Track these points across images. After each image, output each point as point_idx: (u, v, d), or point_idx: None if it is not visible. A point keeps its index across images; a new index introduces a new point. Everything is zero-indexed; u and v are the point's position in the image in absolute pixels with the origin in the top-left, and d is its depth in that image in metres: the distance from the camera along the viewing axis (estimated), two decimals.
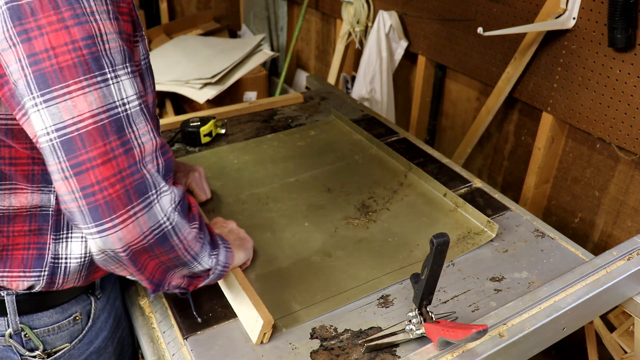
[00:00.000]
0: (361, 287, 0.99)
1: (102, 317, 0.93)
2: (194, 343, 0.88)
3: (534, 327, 0.88)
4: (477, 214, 1.17)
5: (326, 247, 1.09)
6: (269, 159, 1.41)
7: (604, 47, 1.43)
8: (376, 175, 1.34)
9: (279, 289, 0.98)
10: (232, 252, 0.89)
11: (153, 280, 0.77)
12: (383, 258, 1.07)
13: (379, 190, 1.28)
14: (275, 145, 1.48)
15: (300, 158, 1.42)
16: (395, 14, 2.12)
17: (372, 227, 1.16)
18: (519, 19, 1.66)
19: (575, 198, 1.70)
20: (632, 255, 1.03)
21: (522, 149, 1.86)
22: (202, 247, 0.79)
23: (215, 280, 0.86)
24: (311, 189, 1.29)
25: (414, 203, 1.24)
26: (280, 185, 1.30)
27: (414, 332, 0.87)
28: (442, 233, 0.78)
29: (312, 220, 1.18)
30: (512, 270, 1.05)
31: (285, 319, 0.92)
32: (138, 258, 0.70)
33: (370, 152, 1.45)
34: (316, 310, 0.93)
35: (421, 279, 0.83)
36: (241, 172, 1.35)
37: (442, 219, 1.19)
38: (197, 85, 2.44)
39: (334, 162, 1.40)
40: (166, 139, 1.51)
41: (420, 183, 1.31)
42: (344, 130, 1.56)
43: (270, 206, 1.22)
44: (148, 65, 0.80)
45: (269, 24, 3.24)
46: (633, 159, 1.49)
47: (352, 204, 1.23)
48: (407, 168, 1.35)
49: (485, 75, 1.84)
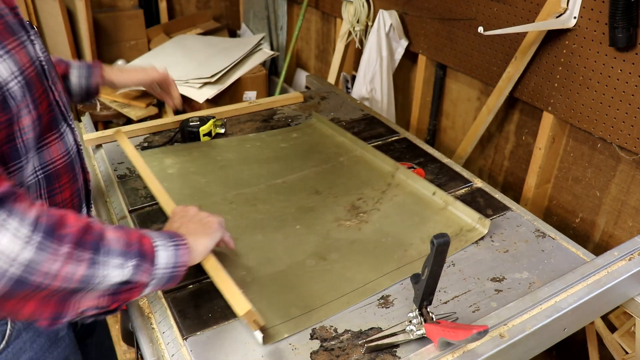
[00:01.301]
0: (360, 290, 0.98)
1: (25, 336, 0.87)
2: (193, 343, 0.88)
3: (535, 328, 0.88)
4: (468, 210, 1.16)
5: (320, 250, 1.08)
6: (253, 159, 1.40)
7: (605, 46, 1.42)
8: (363, 177, 1.33)
9: (277, 293, 0.97)
10: (185, 249, 0.81)
11: (42, 317, 0.68)
12: (378, 259, 1.06)
13: (368, 191, 1.27)
14: (258, 146, 1.46)
15: (284, 159, 1.40)
16: (395, 13, 2.12)
17: (365, 228, 1.15)
18: (520, 18, 1.65)
19: (576, 198, 1.70)
20: (633, 255, 1.03)
21: (523, 149, 1.86)
22: (94, 265, 0.69)
23: (166, 284, 0.79)
24: (299, 191, 1.27)
25: (404, 203, 1.23)
26: (267, 186, 1.29)
27: (414, 333, 0.86)
28: (443, 233, 0.78)
29: (303, 222, 1.16)
30: (512, 271, 1.04)
31: (287, 324, 0.91)
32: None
33: (355, 153, 1.44)
34: (317, 316, 0.93)
35: (421, 279, 0.83)
36: (226, 170, 1.34)
37: (433, 217, 1.18)
38: (196, 84, 2.43)
39: (319, 164, 1.39)
40: (166, 138, 1.51)
41: (408, 183, 1.30)
42: (327, 133, 1.55)
43: (259, 207, 1.21)
44: (22, 84, 0.72)
45: (268, 23, 3.24)
46: (634, 158, 1.48)
47: (342, 206, 1.22)
48: (394, 168, 1.34)
49: (486, 74, 1.83)
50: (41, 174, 0.81)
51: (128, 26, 3.00)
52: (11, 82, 0.69)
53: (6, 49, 0.69)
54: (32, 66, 0.75)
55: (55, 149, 0.84)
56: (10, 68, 0.69)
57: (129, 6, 3.13)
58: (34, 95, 0.75)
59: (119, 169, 1.36)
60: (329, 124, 1.57)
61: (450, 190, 1.30)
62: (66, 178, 0.87)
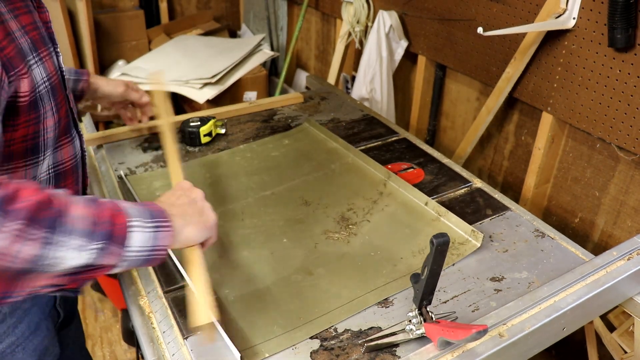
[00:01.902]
0: (345, 307, 0.95)
1: (9, 321, 0.89)
2: (194, 343, 0.88)
3: (534, 327, 0.88)
4: (461, 223, 1.14)
5: (307, 265, 1.05)
6: (243, 171, 1.36)
7: (604, 47, 1.43)
8: (354, 185, 1.30)
9: (259, 312, 0.94)
10: (167, 232, 0.76)
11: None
12: (366, 274, 1.03)
13: (358, 201, 1.25)
14: (248, 157, 1.43)
15: (274, 169, 1.37)
16: (395, 14, 2.12)
17: (353, 241, 1.12)
18: (519, 18, 1.66)
19: (576, 198, 1.70)
20: (632, 255, 1.03)
21: (522, 149, 1.86)
22: (47, 245, 0.64)
23: (142, 265, 0.75)
24: (288, 203, 1.24)
25: (395, 213, 1.20)
26: (256, 199, 1.25)
27: (414, 332, 0.87)
28: (443, 233, 0.78)
29: (290, 236, 1.13)
30: (512, 270, 1.05)
31: (267, 344, 0.88)
32: None
33: (347, 160, 1.41)
34: (299, 335, 0.89)
35: (421, 279, 0.83)
36: (214, 187, 1.30)
37: (424, 229, 1.16)
38: (197, 85, 2.44)
39: (310, 173, 1.36)
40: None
41: (400, 192, 1.27)
42: (319, 138, 1.52)
43: (246, 222, 1.17)
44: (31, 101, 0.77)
45: (268, 23, 3.24)
46: (633, 159, 1.49)
47: (332, 217, 1.19)
48: (386, 176, 1.32)
49: (486, 75, 1.84)
50: (52, 172, 0.88)
51: (129, 27, 3.01)
52: (41, 85, 0.78)
53: (40, 57, 0.77)
54: (56, 75, 0.83)
55: (66, 151, 0.91)
56: (41, 74, 0.78)
57: (130, 7, 3.13)
58: (57, 100, 0.83)
59: (119, 169, 1.37)
60: (321, 129, 1.54)
61: (450, 191, 1.30)
62: (71, 179, 0.94)
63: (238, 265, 1.05)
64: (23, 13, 0.78)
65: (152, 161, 1.42)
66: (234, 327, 0.91)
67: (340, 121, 1.65)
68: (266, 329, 0.91)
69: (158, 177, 1.33)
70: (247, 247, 1.10)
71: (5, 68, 0.71)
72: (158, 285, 1.00)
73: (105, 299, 2.29)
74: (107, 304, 2.27)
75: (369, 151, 1.47)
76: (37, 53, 0.78)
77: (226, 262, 1.05)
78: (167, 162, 1.10)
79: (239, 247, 1.10)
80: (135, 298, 0.99)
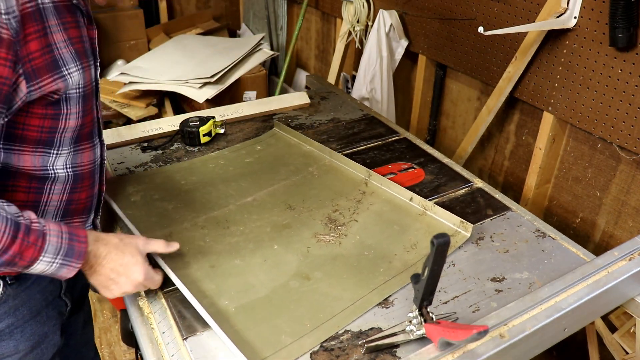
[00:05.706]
0: (349, 309, 0.94)
1: (11, 303, 0.94)
2: (193, 343, 0.88)
3: (535, 328, 0.88)
4: (448, 215, 1.14)
5: (302, 270, 1.04)
6: (219, 178, 1.33)
7: (605, 46, 1.42)
8: (336, 186, 1.29)
9: (264, 322, 0.92)
10: (74, 267, 0.84)
11: None
12: (363, 274, 1.02)
13: (342, 201, 1.24)
14: (222, 164, 1.40)
15: (251, 175, 1.34)
16: (395, 13, 2.12)
17: (345, 242, 1.11)
18: (520, 18, 1.65)
19: (577, 198, 1.70)
20: (633, 255, 1.03)
21: (523, 149, 1.85)
22: None
23: (52, 272, 0.82)
24: (271, 208, 1.22)
25: (381, 211, 1.20)
26: (237, 206, 1.22)
27: (414, 333, 0.86)
28: (443, 233, 0.78)
29: (280, 241, 1.11)
30: (513, 271, 1.04)
31: (279, 354, 0.86)
32: None
33: (325, 162, 1.40)
34: (309, 342, 0.88)
35: (421, 279, 0.83)
36: (192, 194, 1.26)
37: (412, 224, 1.15)
38: (196, 84, 2.43)
39: (289, 177, 1.34)
40: (166, 139, 1.51)
41: (382, 189, 1.27)
42: (292, 142, 1.50)
43: (232, 230, 1.14)
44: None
45: (268, 23, 3.24)
46: (634, 158, 1.48)
47: (318, 220, 1.18)
48: (366, 175, 1.31)
49: (486, 74, 1.83)
50: (71, 171, 0.94)
51: (128, 26, 3.00)
52: (71, 90, 0.86)
53: (82, 65, 0.87)
54: (90, 85, 0.92)
55: (86, 155, 0.97)
56: (76, 81, 0.86)
57: (129, 6, 3.13)
58: (85, 107, 0.91)
59: (119, 169, 1.36)
60: (292, 132, 1.52)
61: (451, 191, 1.30)
62: (87, 182, 0.99)
63: (231, 275, 1.02)
64: (72, 27, 0.86)
65: (152, 161, 1.41)
66: (242, 339, 0.88)
67: (340, 121, 1.64)
68: (274, 338, 0.88)
69: (131, 181, 1.31)
70: (238, 255, 1.07)
71: (27, 77, 0.78)
72: None
73: (104, 299, 2.29)
74: (106, 305, 2.27)
75: (369, 151, 1.47)
76: (79, 63, 0.87)
77: (219, 272, 1.03)
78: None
79: (229, 255, 1.07)
80: (134, 299, 0.99)
